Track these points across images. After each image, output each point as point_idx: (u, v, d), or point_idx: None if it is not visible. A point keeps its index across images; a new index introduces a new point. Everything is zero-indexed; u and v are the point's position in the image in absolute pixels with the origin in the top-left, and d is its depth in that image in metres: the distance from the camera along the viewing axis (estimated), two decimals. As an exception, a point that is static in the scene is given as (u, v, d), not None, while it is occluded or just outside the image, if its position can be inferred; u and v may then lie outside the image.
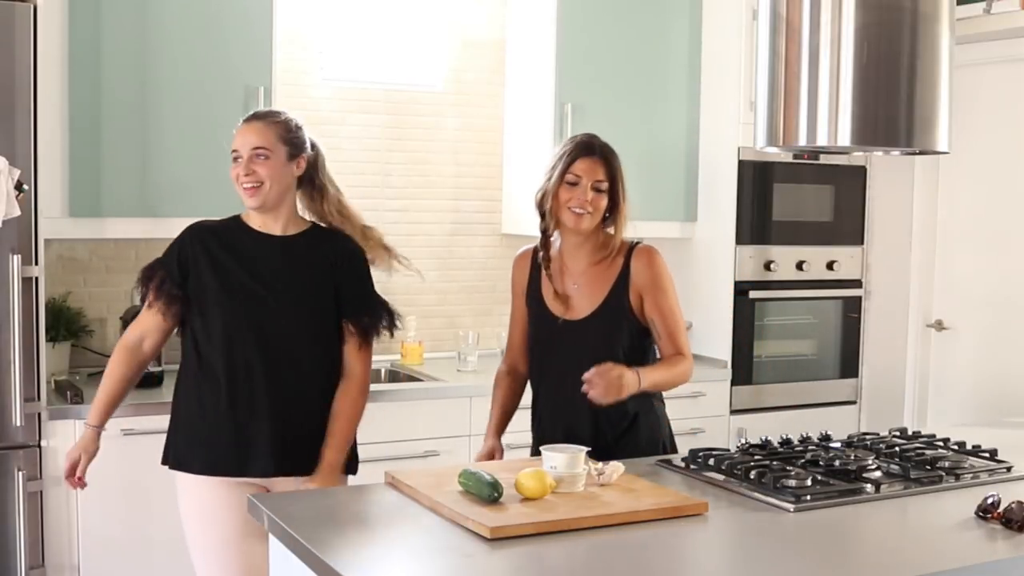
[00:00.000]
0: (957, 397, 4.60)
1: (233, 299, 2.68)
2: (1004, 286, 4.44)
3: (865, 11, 2.39)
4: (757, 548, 2.13)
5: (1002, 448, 2.74)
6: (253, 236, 2.73)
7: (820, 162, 4.54)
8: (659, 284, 2.82)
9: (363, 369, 2.78)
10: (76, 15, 3.48)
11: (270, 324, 2.68)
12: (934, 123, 2.47)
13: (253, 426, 2.67)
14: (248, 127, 2.71)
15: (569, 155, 2.79)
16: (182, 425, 2.75)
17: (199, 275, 2.69)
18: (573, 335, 2.83)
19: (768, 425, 3.86)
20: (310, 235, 2.78)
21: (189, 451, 2.71)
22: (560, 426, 2.80)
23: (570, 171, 2.77)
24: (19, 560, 3.13)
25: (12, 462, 3.14)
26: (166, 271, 2.71)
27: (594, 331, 2.81)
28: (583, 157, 2.78)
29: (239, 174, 2.67)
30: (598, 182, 2.77)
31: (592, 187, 2.76)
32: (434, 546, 2.06)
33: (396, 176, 4.34)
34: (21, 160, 3.10)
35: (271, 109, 3.09)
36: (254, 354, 2.66)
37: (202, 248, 2.71)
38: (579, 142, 2.82)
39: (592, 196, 2.76)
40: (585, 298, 2.83)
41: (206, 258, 2.70)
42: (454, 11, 4.43)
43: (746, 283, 4.42)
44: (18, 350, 3.09)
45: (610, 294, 2.81)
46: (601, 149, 2.81)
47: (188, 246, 2.72)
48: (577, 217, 2.77)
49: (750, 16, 4.14)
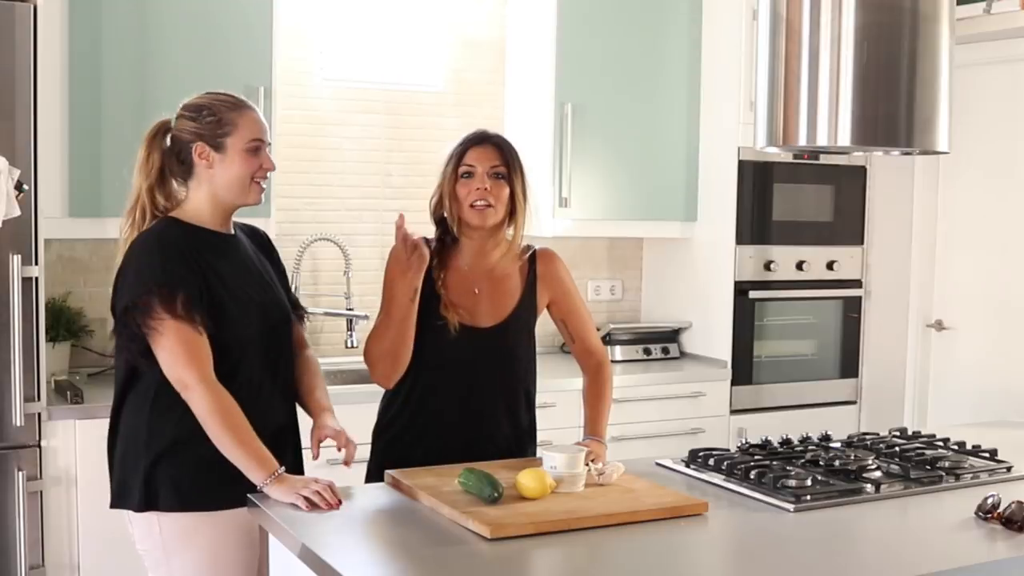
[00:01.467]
0: (957, 397, 4.60)
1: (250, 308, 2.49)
2: (1004, 286, 4.44)
3: (865, 11, 2.39)
4: (757, 548, 2.13)
5: (1002, 448, 2.74)
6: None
7: (820, 162, 4.54)
8: (568, 286, 2.76)
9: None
10: (76, 15, 3.48)
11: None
12: (934, 123, 2.47)
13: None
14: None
15: (460, 147, 2.65)
16: (186, 455, 2.37)
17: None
18: (478, 344, 2.63)
19: (768, 425, 3.86)
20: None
21: (208, 483, 2.38)
22: (461, 439, 2.62)
23: (463, 163, 2.62)
24: (19, 560, 3.13)
25: (12, 462, 3.13)
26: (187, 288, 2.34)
27: (503, 340, 2.66)
28: (474, 147, 2.64)
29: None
30: (494, 167, 2.60)
31: (489, 174, 2.60)
32: (434, 546, 2.06)
33: (396, 176, 4.34)
34: (21, 160, 3.10)
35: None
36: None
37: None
38: (469, 136, 2.68)
39: (491, 184, 2.59)
40: (491, 305, 2.66)
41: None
42: (454, 11, 4.43)
43: (746, 283, 4.42)
44: (18, 350, 3.09)
45: (521, 300, 2.69)
46: (494, 136, 2.68)
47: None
48: (480, 212, 2.59)
49: (750, 16, 4.14)
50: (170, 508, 2.38)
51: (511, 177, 2.62)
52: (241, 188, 2.44)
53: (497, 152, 2.63)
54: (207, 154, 2.41)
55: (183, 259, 2.35)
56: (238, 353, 2.40)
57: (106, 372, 3.82)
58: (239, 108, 2.45)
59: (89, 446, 3.28)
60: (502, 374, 2.68)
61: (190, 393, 2.30)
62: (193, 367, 2.29)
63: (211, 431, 2.30)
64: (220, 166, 2.41)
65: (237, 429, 2.29)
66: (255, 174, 2.44)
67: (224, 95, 2.47)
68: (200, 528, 2.39)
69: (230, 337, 2.38)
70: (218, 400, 2.29)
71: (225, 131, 2.41)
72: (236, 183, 2.43)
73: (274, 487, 2.26)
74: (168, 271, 2.32)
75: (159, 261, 2.34)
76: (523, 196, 2.64)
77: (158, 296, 2.29)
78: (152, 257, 2.35)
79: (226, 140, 2.41)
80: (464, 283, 2.66)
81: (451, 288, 2.64)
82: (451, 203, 2.63)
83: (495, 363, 2.66)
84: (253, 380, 2.43)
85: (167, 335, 2.29)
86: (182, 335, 2.29)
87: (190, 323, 2.29)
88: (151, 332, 2.30)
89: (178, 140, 2.44)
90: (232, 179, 2.42)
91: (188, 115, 2.44)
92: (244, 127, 2.42)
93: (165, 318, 2.28)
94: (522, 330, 2.71)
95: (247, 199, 2.47)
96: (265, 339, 2.47)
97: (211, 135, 2.40)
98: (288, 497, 2.23)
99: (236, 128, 2.41)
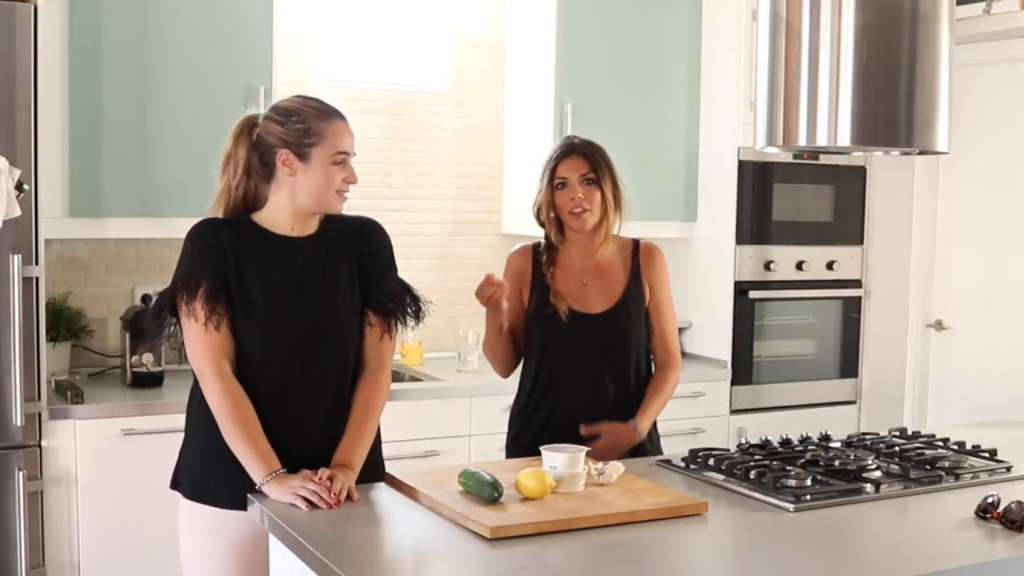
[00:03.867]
0: (957, 397, 4.60)
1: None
2: (1004, 286, 4.44)
3: (865, 11, 2.39)
4: (757, 548, 2.13)
5: (1002, 448, 2.74)
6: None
7: (820, 162, 4.54)
8: (662, 280, 2.96)
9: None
10: (76, 15, 3.48)
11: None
12: (934, 123, 2.47)
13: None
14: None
15: (551, 162, 2.88)
16: (202, 445, 2.42)
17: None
18: (591, 329, 2.86)
19: (768, 425, 3.86)
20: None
21: (219, 479, 2.39)
22: (578, 419, 2.81)
23: (556, 176, 2.86)
24: (19, 560, 3.13)
25: (12, 462, 3.14)
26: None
27: (613, 324, 2.87)
28: (564, 159, 2.87)
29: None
30: (584, 176, 2.84)
31: (580, 182, 2.84)
32: (434, 546, 2.06)
33: (396, 176, 4.34)
34: (21, 160, 3.10)
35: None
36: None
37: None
38: (558, 147, 2.91)
39: (584, 191, 2.83)
40: (600, 293, 2.88)
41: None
42: (454, 11, 4.43)
43: (746, 283, 4.42)
44: (18, 350, 3.09)
45: (628, 287, 2.90)
46: (580, 146, 2.90)
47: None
48: (579, 217, 2.84)
49: (750, 16, 4.14)
50: (187, 495, 2.44)
51: (600, 181, 2.85)
52: (322, 198, 2.40)
53: (585, 161, 2.86)
54: (291, 162, 2.37)
55: (213, 250, 2.35)
56: (267, 354, 2.38)
57: (106, 372, 3.83)
58: (328, 117, 2.40)
59: (89, 446, 3.29)
60: (616, 355, 2.87)
61: (204, 383, 2.36)
62: (208, 359, 2.33)
63: (219, 423, 2.33)
64: (303, 175, 2.37)
65: (244, 424, 2.30)
66: (338, 186, 2.41)
67: (315, 101, 2.44)
68: (211, 522, 2.41)
69: (258, 336, 2.37)
70: (228, 393, 2.32)
71: (312, 141, 2.36)
72: (317, 193, 2.39)
73: (272, 486, 2.26)
74: (195, 262, 2.36)
75: (189, 252, 2.38)
76: (613, 196, 2.87)
77: (183, 286, 2.34)
78: (185, 248, 2.40)
79: (311, 150, 2.36)
80: (572, 276, 2.90)
81: (559, 280, 2.89)
82: (550, 211, 2.88)
83: (607, 345, 2.86)
84: (281, 385, 2.39)
85: (188, 325, 2.35)
86: (199, 328, 2.33)
87: (209, 314, 2.32)
88: (181, 320, 2.37)
89: (263, 141, 2.40)
90: (313, 189, 2.38)
91: (276, 118, 2.39)
92: (331, 138, 2.38)
93: (187, 308, 2.33)
94: (632, 314, 2.90)
95: (328, 209, 2.44)
96: (292, 347, 2.40)
97: (297, 143, 2.36)
98: (285, 497, 2.23)
99: (323, 139, 2.37)
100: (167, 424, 3.10)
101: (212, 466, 2.39)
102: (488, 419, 3.28)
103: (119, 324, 3.82)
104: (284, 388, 2.40)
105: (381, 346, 2.50)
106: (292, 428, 2.39)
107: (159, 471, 2.76)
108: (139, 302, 3.83)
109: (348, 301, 2.46)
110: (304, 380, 2.41)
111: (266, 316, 2.38)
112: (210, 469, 2.40)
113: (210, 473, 2.40)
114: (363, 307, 2.48)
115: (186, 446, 2.49)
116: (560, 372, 2.88)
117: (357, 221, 2.52)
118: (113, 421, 3.33)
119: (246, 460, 2.30)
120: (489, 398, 3.15)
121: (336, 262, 2.46)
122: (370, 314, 2.49)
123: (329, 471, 2.28)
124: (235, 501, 2.34)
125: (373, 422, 2.47)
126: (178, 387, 3.32)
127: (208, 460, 2.40)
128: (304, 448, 2.38)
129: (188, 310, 2.33)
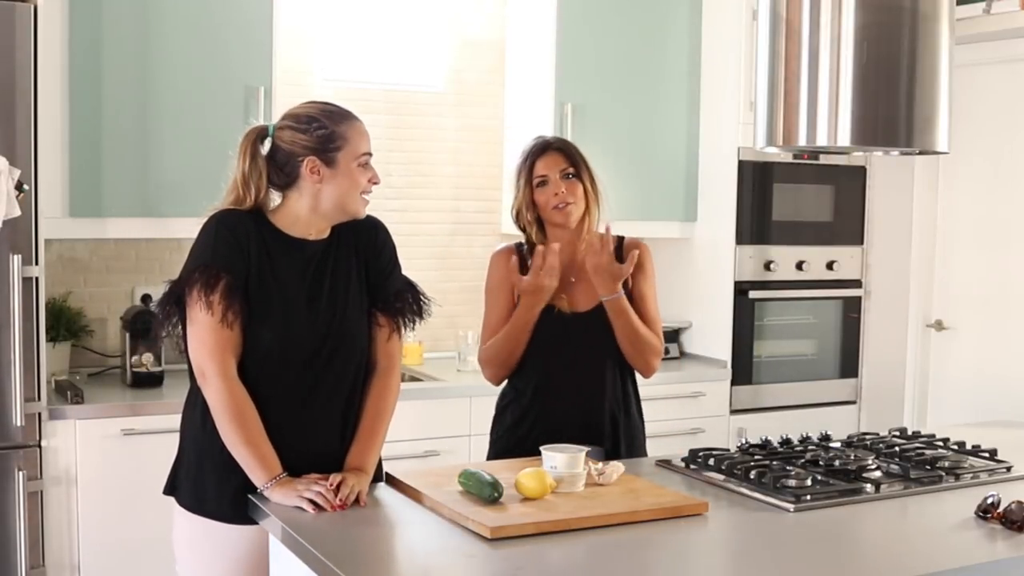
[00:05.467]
0: (957, 397, 4.60)
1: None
2: (1004, 286, 4.44)
3: (865, 11, 2.39)
4: (757, 548, 2.13)
5: (1002, 448, 2.74)
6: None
7: (820, 162, 4.54)
8: (645, 270, 2.93)
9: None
10: (76, 15, 3.48)
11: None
12: (934, 123, 2.47)
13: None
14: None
15: (527, 161, 2.87)
16: (200, 453, 2.36)
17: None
18: (582, 326, 2.85)
19: (768, 425, 3.86)
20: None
21: (222, 493, 2.33)
22: (575, 417, 2.81)
23: (535, 175, 2.85)
24: (19, 560, 3.13)
25: (12, 462, 3.14)
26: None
27: (602, 320, 2.84)
28: (540, 156, 2.86)
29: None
30: (564, 171, 2.84)
31: (561, 177, 2.83)
32: (434, 546, 2.06)
33: (396, 176, 4.34)
34: (21, 160, 3.10)
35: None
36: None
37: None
38: (532, 146, 2.91)
39: (566, 185, 2.83)
40: (589, 290, 2.85)
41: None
42: (454, 11, 4.43)
43: (746, 283, 4.42)
44: (18, 350, 3.09)
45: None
46: (555, 141, 2.92)
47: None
48: (563, 211, 2.83)
49: (750, 16, 4.14)
50: (185, 506, 2.37)
51: (580, 175, 2.86)
52: (349, 202, 2.37)
53: (562, 156, 2.86)
54: (318, 168, 2.32)
55: (237, 242, 2.29)
56: (284, 356, 2.33)
57: (106, 372, 3.83)
58: (348, 120, 2.37)
59: (89, 446, 3.29)
60: (606, 351, 2.86)
61: (206, 383, 2.28)
62: (215, 357, 2.26)
63: (220, 425, 2.27)
64: (330, 181, 2.33)
65: (246, 427, 2.25)
66: (363, 188, 2.38)
67: (330, 105, 2.40)
68: (209, 537, 2.35)
69: (274, 339, 2.32)
70: (232, 393, 2.26)
71: (337, 145, 2.33)
72: (345, 197, 2.35)
73: (275, 490, 2.24)
74: (217, 253, 2.28)
75: (211, 242, 2.29)
76: (593, 190, 2.87)
77: (203, 275, 2.25)
78: (206, 237, 2.31)
79: (337, 155, 2.33)
80: (560, 275, 2.85)
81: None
82: (531, 210, 2.87)
83: (598, 342, 2.84)
84: (296, 388, 2.35)
85: (199, 318, 2.25)
86: (212, 323, 2.24)
87: (226, 310, 2.24)
88: (188, 312, 2.27)
89: (283, 151, 2.34)
90: (341, 194, 2.35)
91: (297, 126, 2.34)
92: (354, 140, 2.35)
93: (204, 300, 2.24)
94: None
95: (353, 214, 2.40)
96: (308, 351, 2.35)
97: (323, 149, 2.32)
98: (290, 500, 2.21)
99: (347, 142, 2.34)
100: (167, 424, 3.09)
101: (212, 478, 2.33)
102: (488, 419, 3.25)
103: (119, 324, 3.82)
104: (299, 391, 2.36)
105: (389, 346, 2.49)
106: (306, 432, 2.36)
107: (159, 471, 2.76)
108: (139, 302, 3.83)
109: (359, 303, 2.44)
110: (319, 383, 2.37)
111: (283, 318, 2.34)
112: (210, 481, 2.34)
113: (210, 485, 2.34)
114: (370, 307, 2.46)
115: (184, 455, 2.40)
116: (551, 370, 2.86)
117: (360, 220, 2.49)
118: (113, 421, 3.33)
119: (247, 464, 2.26)
120: (489, 398, 3.14)
121: (346, 265, 2.43)
122: (378, 314, 2.47)
123: (339, 476, 2.27)
124: (238, 516, 2.31)
125: (384, 425, 2.46)
126: (178, 387, 3.30)
127: (208, 472, 2.34)
128: (317, 451, 2.35)
129: (206, 303, 2.24)
